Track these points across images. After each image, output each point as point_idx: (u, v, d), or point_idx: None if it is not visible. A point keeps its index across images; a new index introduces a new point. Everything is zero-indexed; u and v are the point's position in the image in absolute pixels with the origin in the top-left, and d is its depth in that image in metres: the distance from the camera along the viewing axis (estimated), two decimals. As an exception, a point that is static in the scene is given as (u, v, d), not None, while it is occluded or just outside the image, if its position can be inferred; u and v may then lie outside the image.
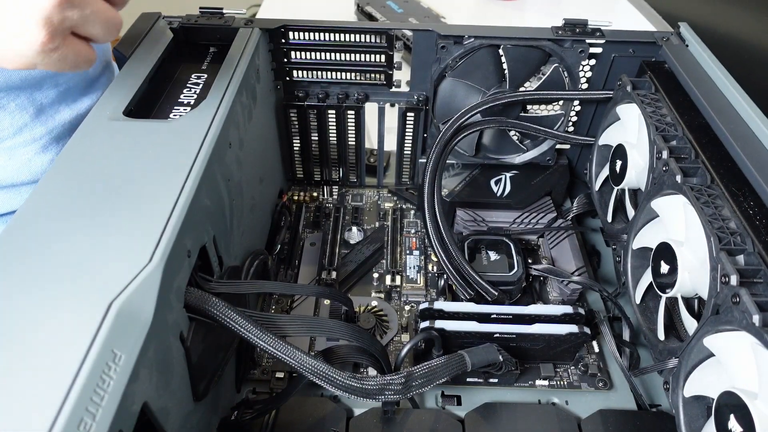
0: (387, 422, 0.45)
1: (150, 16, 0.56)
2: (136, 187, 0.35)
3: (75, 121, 0.58)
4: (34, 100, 0.54)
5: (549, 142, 0.62)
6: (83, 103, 0.59)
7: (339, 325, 0.42)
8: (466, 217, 0.61)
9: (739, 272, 0.34)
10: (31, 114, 0.54)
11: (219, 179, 0.42)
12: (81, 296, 0.28)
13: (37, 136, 0.55)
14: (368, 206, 0.69)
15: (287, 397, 0.44)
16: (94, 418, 0.24)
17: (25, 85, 0.53)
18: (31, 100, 0.54)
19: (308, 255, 0.61)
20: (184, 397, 0.36)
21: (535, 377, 0.50)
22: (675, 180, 0.41)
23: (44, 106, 0.55)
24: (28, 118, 0.54)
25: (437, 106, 0.61)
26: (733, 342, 0.34)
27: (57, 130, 0.57)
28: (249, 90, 0.51)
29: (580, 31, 0.56)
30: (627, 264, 0.49)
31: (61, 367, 0.25)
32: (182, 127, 0.41)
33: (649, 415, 0.47)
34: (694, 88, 0.49)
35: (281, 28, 0.57)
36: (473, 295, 0.51)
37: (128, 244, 0.32)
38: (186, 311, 0.35)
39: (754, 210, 0.38)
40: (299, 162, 0.68)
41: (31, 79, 0.53)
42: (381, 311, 0.56)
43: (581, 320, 0.49)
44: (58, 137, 0.57)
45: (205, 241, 0.39)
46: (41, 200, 0.34)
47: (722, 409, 0.33)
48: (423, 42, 0.57)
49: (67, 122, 0.57)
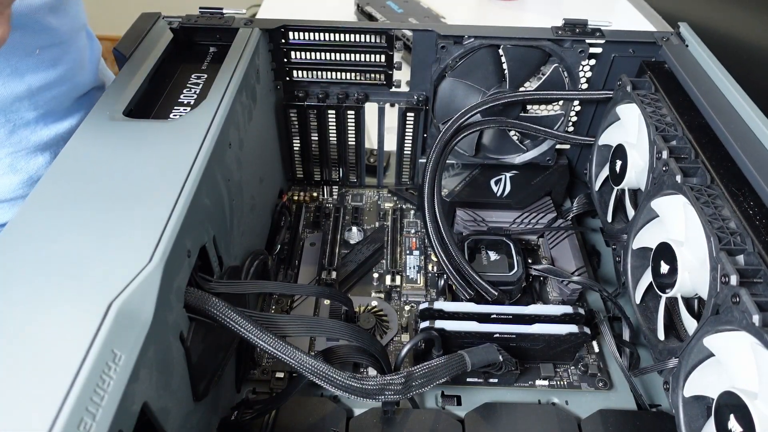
0: (387, 422, 0.45)
1: (150, 16, 0.56)
2: (136, 187, 0.35)
3: (54, 139, 0.55)
4: (7, 121, 0.51)
5: (549, 142, 0.62)
6: (64, 123, 0.56)
7: (339, 325, 0.42)
8: (466, 217, 0.61)
9: (739, 272, 0.34)
10: (3, 135, 0.52)
11: (219, 179, 0.42)
12: (81, 296, 0.28)
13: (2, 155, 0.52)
14: (368, 206, 0.69)
15: (287, 397, 0.44)
16: (94, 418, 0.24)
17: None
18: (4, 122, 0.51)
19: (308, 255, 0.61)
20: (184, 397, 0.36)
21: (535, 377, 0.50)
22: (675, 180, 0.41)
23: (17, 128, 0.52)
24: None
25: (437, 106, 0.61)
26: (733, 342, 0.34)
27: (27, 150, 0.54)
28: (249, 90, 0.51)
29: (580, 31, 0.56)
30: (627, 264, 0.49)
31: (61, 367, 0.25)
32: (182, 127, 0.41)
33: (649, 415, 0.47)
34: (693, 88, 0.49)
35: (281, 28, 0.57)
36: (473, 295, 0.51)
37: (128, 244, 0.32)
38: (186, 311, 0.35)
39: (754, 210, 0.38)
40: (299, 162, 0.68)
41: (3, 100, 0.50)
42: (381, 311, 0.56)
43: (581, 320, 0.49)
44: (28, 155, 0.54)
45: (205, 241, 0.39)
46: (41, 200, 0.34)
47: (722, 409, 0.33)
48: (423, 42, 0.57)
49: (42, 143, 0.54)
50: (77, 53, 0.56)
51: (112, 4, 1.99)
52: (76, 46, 0.56)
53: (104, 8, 2.01)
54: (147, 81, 0.47)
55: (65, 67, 0.54)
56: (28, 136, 0.53)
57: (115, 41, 0.52)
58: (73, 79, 0.56)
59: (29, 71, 0.51)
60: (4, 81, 0.50)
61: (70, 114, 0.57)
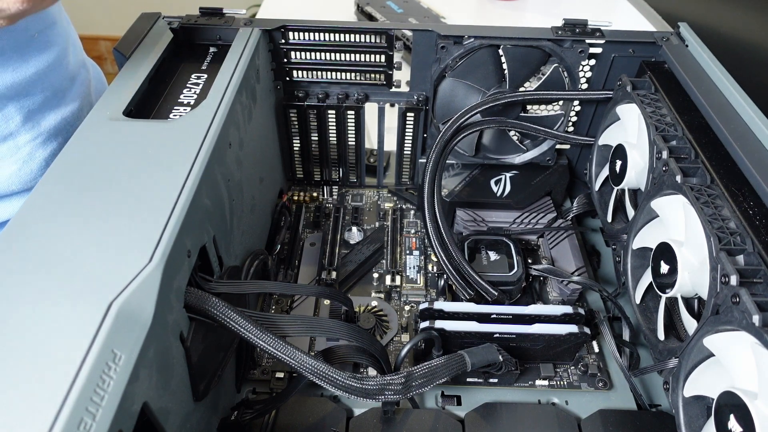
0: (387, 422, 0.45)
1: (150, 16, 0.56)
2: (136, 187, 0.35)
3: (59, 125, 0.57)
4: (21, 107, 0.53)
5: (549, 142, 0.62)
6: (67, 106, 0.58)
7: (339, 325, 0.42)
8: (466, 217, 0.61)
9: (739, 272, 0.34)
10: (18, 122, 0.53)
11: (219, 179, 0.42)
12: (81, 296, 0.28)
13: (21, 143, 0.54)
14: (368, 206, 0.69)
15: (287, 397, 0.44)
16: (94, 418, 0.24)
17: (11, 93, 0.52)
18: (19, 108, 0.53)
19: (308, 255, 0.61)
20: (184, 397, 0.36)
21: (535, 377, 0.50)
22: (675, 180, 0.41)
23: (31, 113, 0.54)
24: (14, 126, 0.53)
25: (437, 106, 0.61)
26: (733, 342, 0.34)
27: (42, 137, 0.55)
28: (249, 90, 0.51)
29: (580, 31, 0.56)
30: (627, 264, 0.49)
31: (61, 367, 0.25)
32: (182, 127, 0.41)
33: (649, 415, 0.47)
34: (693, 88, 0.49)
35: (281, 28, 0.57)
36: (473, 295, 0.51)
37: (128, 244, 0.32)
38: (186, 311, 0.35)
39: (754, 210, 0.38)
40: (299, 162, 0.68)
41: (17, 86, 0.52)
42: (381, 311, 0.56)
43: (581, 320, 0.49)
44: (44, 143, 0.56)
45: (205, 241, 0.39)
46: (41, 200, 0.34)
47: (722, 409, 0.33)
48: (423, 42, 0.57)
49: (52, 127, 0.56)
50: (64, 32, 0.58)
51: (112, 4, 1.99)
52: (62, 25, 0.58)
53: (104, 8, 2.02)
54: (147, 81, 0.47)
55: (59, 47, 0.56)
56: (39, 121, 0.55)
57: (115, 41, 0.52)
58: (66, 58, 0.58)
59: (33, 55, 0.53)
60: (15, 67, 0.51)
61: (69, 94, 0.58)
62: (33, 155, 0.55)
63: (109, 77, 0.65)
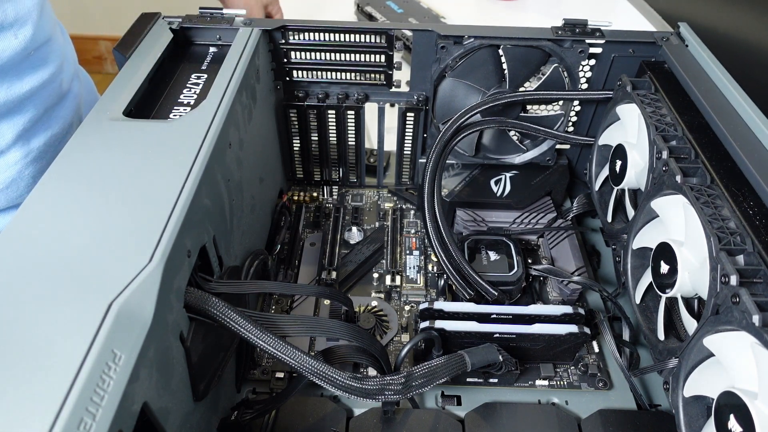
0: (387, 422, 0.45)
1: (150, 16, 0.56)
2: (136, 187, 0.35)
3: (50, 141, 0.56)
4: (14, 125, 0.52)
5: (549, 142, 0.62)
6: (57, 123, 0.57)
7: (339, 325, 0.42)
8: (466, 217, 0.61)
9: (739, 272, 0.34)
10: (9, 140, 0.52)
11: (219, 179, 0.42)
12: (81, 296, 0.28)
13: (11, 162, 0.53)
14: (368, 206, 0.69)
15: (287, 397, 0.44)
16: (94, 418, 0.24)
17: (4, 110, 0.51)
18: (11, 125, 0.52)
19: (308, 255, 0.61)
20: (184, 397, 0.36)
21: (535, 377, 0.50)
22: (675, 180, 0.41)
23: (23, 131, 0.53)
24: (4, 145, 0.52)
25: (437, 106, 0.61)
26: (733, 342, 0.34)
27: (33, 154, 0.55)
28: (249, 90, 0.51)
29: (579, 31, 0.56)
30: (627, 264, 0.49)
31: (61, 367, 0.25)
32: (182, 127, 0.41)
33: (649, 415, 0.47)
34: (693, 88, 0.49)
35: (281, 28, 0.57)
36: (473, 295, 0.51)
37: (128, 244, 0.32)
38: (186, 311, 0.35)
39: (754, 210, 0.38)
40: (299, 162, 0.68)
41: (10, 104, 0.51)
42: (381, 311, 0.56)
43: (581, 320, 0.49)
44: (33, 161, 0.55)
45: (205, 241, 0.39)
46: (41, 200, 0.34)
47: (722, 409, 0.33)
48: (423, 42, 0.57)
49: (42, 144, 0.55)
50: (59, 48, 0.58)
51: (112, 4, 1.99)
52: (57, 40, 0.57)
53: (104, 8, 2.02)
54: (147, 81, 0.47)
55: (54, 64, 0.56)
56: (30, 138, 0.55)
57: (115, 41, 0.52)
58: (60, 74, 0.57)
59: (28, 73, 0.52)
60: (9, 85, 0.51)
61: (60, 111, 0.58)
62: (22, 174, 0.54)
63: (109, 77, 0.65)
